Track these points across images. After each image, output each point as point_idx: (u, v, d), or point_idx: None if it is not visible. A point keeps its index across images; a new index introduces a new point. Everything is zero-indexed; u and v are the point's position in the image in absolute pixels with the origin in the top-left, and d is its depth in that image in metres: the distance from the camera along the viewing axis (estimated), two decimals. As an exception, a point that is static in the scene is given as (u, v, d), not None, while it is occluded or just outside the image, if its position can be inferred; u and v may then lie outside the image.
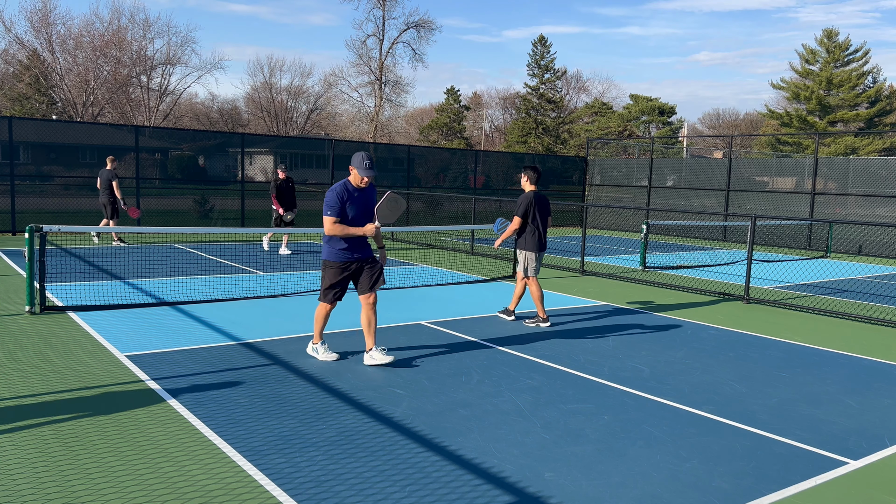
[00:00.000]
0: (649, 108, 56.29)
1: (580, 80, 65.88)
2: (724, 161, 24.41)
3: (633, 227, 24.32)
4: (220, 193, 19.96)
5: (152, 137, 22.27)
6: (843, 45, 48.51)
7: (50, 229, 8.20)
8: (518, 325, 8.22)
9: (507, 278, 11.96)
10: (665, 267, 14.39)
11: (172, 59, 49.23)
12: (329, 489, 3.82)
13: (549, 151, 49.51)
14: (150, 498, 3.65)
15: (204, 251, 14.22)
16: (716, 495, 3.96)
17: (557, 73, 54.02)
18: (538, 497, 3.84)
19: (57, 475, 3.86)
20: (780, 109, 51.14)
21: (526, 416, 5.11)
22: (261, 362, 6.24)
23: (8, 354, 6.19)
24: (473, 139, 63.78)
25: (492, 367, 6.40)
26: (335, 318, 8.15)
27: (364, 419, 4.90)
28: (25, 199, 16.72)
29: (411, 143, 50.06)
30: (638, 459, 4.42)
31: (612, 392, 5.79)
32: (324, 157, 23.25)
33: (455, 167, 25.88)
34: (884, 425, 5.24)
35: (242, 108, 63.19)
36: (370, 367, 6.20)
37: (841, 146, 44.77)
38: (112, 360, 6.12)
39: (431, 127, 58.43)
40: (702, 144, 60.96)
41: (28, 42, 44.05)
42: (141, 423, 4.68)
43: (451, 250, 15.94)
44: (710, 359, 7.02)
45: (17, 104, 42.11)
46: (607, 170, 27.39)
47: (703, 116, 78.57)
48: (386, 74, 52.16)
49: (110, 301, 8.61)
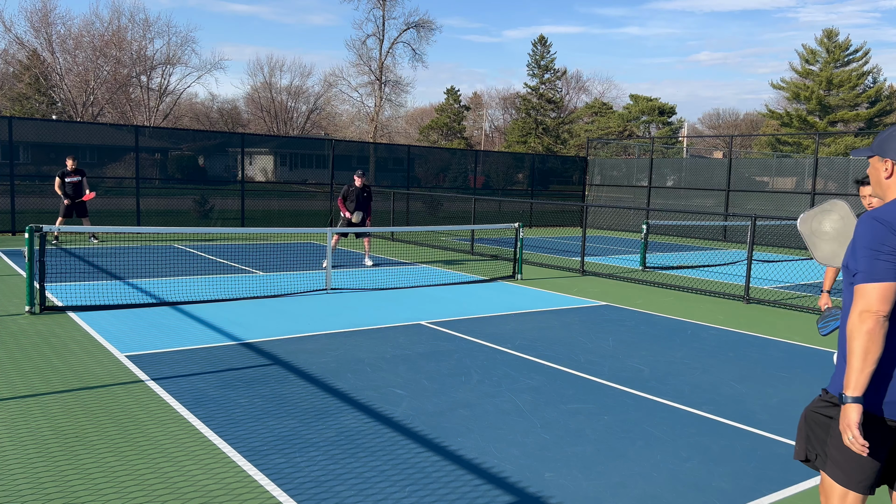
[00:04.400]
0: (649, 108, 56.29)
1: (580, 80, 65.87)
2: (724, 161, 24.42)
3: (633, 227, 24.32)
4: (220, 193, 19.96)
5: (152, 137, 22.28)
6: (843, 45, 48.51)
7: (50, 229, 8.20)
8: (518, 325, 8.22)
9: (507, 278, 11.96)
10: (665, 267, 14.39)
11: (172, 59, 49.27)
12: (329, 489, 3.82)
13: (549, 151, 49.51)
14: (150, 498, 3.65)
15: (204, 251, 14.22)
16: (716, 495, 3.96)
17: (557, 73, 54.02)
18: (538, 497, 3.84)
19: (57, 475, 3.86)
20: (780, 109, 51.15)
21: (526, 416, 5.11)
22: (261, 362, 6.24)
23: (8, 354, 6.19)
24: (473, 139, 63.79)
25: (492, 367, 6.40)
26: (336, 318, 8.16)
27: (364, 419, 4.90)
28: (25, 199, 16.71)
29: (411, 143, 50.07)
30: (638, 459, 4.42)
31: (612, 392, 5.79)
32: (324, 157, 23.25)
33: (455, 167, 25.89)
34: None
35: (242, 108, 63.18)
36: (370, 367, 6.21)
37: (841, 146, 44.76)
38: (112, 360, 6.12)
39: (431, 127, 58.43)
40: (702, 144, 60.98)
41: (28, 42, 44.11)
42: (141, 423, 4.68)
43: (451, 250, 15.94)
44: (710, 359, 7.02)
45: (17, 104, 42.12)
46: (607, 170, 27.40)
47: (703, 116, 78.60)
48: (386, 74, 52.15)
49: (110, 301, 8.61)
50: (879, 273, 2.45)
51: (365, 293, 9.97)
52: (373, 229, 12.64)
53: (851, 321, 2.47)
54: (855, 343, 2.44)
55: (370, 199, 12.91)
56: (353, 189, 12.73)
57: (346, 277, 11.30)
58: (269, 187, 23.39)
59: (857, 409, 2.44)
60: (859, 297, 2.47)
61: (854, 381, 2.45)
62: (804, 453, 2.75)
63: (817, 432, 2.70)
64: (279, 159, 29.70)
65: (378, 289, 10.38)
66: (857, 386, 2.44)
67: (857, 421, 2.43)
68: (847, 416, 2.46)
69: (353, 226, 12.73)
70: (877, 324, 2.41)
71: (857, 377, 2.44)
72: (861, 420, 2.45)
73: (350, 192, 12.73)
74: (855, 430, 2.44)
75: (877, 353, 2.42)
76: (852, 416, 2.44)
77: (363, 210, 12.74)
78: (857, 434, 2.43)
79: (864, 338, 2.42)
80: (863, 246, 2.50)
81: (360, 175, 12.69)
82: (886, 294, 2.43)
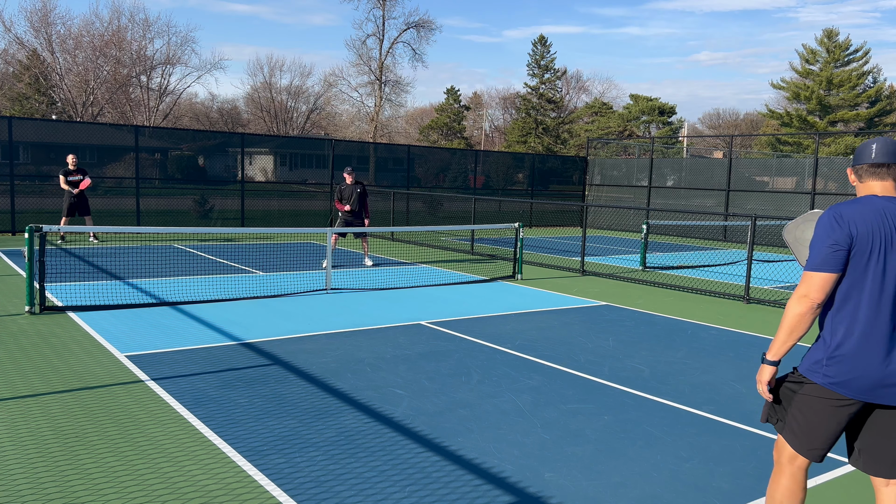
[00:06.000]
0: (649, 108, 56.29)
1: (580, 80, 65.88)
2: (724, 161, 24.41)
3: (634, 227, 24.32)
4: (220, 193, 19.96)
5: (152, 137, 22.28)
6: (844, 45, 48.51)
7: (53, 229, 8.20)
8: (518, 325, 8.22)
9: (507, 278, 11.96)
10: (665, 267, 14.39)
11: (172, 59, 49.26)
12: (329, 489, 3.82)
13: (549, 151, 49.50)
14: (150, 498, 3.65)
15: (204, 251, 14.22)
16: (716, 495, 3.96)
17: (557, 73, 54.01)
18: (538, 497, 3.84)
19: (57, 475, 3.86)
20: (780, 109, 51.14)
21: (526, 416, 5.11)
22: (261, 362, 6.23)
23: (8, 354, 6.19)
24: (473, 139, 63.78)
25: (492, 367, 6.39)
26: (336, 318, 8.16)
27: (364, 419, 4.90)
28: (25, 199, 16.71)
29: (411, 143, 50.05)
30: (638, 459, 4.42)
31: (612, 392, 5.79)
32: (323, 157, 23.25)
33: (455, 167, 25.88)
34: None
35: (242, 108, 63.20)
36: (370, 367, 6.20)
37: (841, 146, 44.75)
38: (112, 360, 6.12)
39: (431, 127, 58.41)
40: (702, 144, 60.96)
41: (28, 42, 44.11)
42: (141, 423, 4.68)
43: (451, 250, 15.94)
44: (710, 359, 7.02)
45: (17, 104, 42.12)
46: (607, 170, 27.39)
47: (704, 116, 78.62)
48: (386, 74, 52.15)
49: (110, 301, 8.61)
50: (824, 262, 2.79)
51: (365, 293, 9.97)
52: (373, 229, 12.63)
53: (790, 301, 2.87)
54: (786, 320, 2.86)
55: (365, 195, 12.86)
56: (345, 188, 12.75)
57: (346, 277, 11.30)
58: (269, 187, 23.38)
59: (771, 371, 2.98)
60: (802, 282, 2.84)
61: (776, 349, 2.93)
62: (766, 417, 3.14)
63: (783, 400, 3.06)
64: (279, 159, 29.69)
65: (378, 289, 10.38)
66: (777, 353, 2.94)
67: (768, 380, 2.97)
68: (762, 373, 3.00)
69: (351, 223, 12.72)
70: (809, 309, 2.80)
71: (780, 348, 2.92)
72: (772, 379, 2.98)
73: (344, 192, 12.74)
74: (764, 386, 2.99)
75: (802, 332, 2.84)
76: (765, 374, 2.98)
77: (359, 208, 12.74)
78: (765, 389, 3.00)
79: (795, 318, 2.83)
80: (816, 237, 2.86)
81: (349, 172, 12.66)
82: (825, 284, 2.79)
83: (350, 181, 12.70)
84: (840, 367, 2.81)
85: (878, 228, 2.76)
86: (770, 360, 2.96)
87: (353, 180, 12.74)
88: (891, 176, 2.91)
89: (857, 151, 3.01)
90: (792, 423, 2.98)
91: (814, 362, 2.90)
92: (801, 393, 2.94)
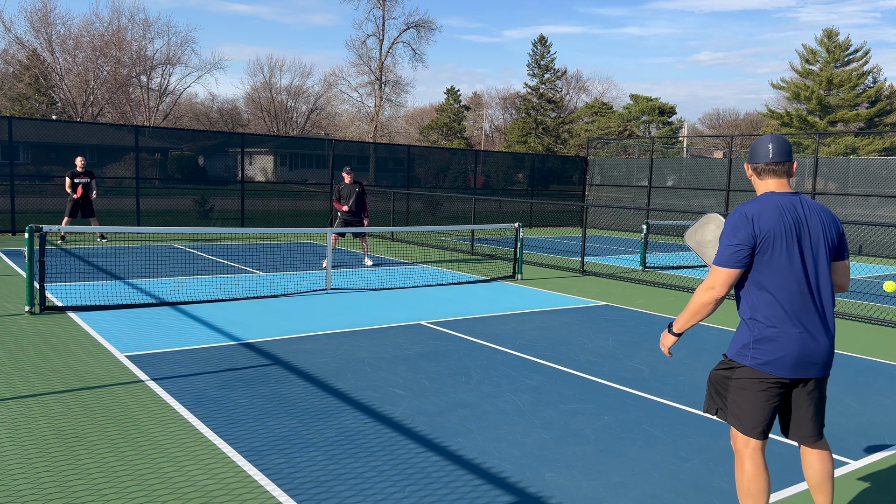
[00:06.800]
0: (649, 108, 56.26)
1: (580, 80, 65.87)
2: (724, 161, 24.41)
3: (634, 227, 24.32)
4: (220, 193, 19.96)
5: (152, 137, 22.29)
6: (844, 45, 48.50)
7: (54, 229, 8.20)
8: (518, 325, 8.22)
9: (507, 278, 11.96)
10: (665, 267, 14.39)
11: (172, 59, 49.27)
12: (329, 489, 3.82)
13: (549, 151, 49.50)
14: (150, 498, 3.65)
15: (204, 251, 14.22)
16: (716, 495, 3.96)
17: (557, 73, 54.00)
18: (538, 497, 3.84)
19: (57, 475, 3.86)
20: (780, 109, 51.12)
21: (526, 417, 5.11)
22: (261, 362, 6.24)
23: (8, 354, 6.19)
24: (473, 139, 63.78)
25: (492, 367, 6.39)
26: (335, 318, 8.16)
27: (364, 419, 4.90)
28: (25, 199, 16.71)
29: (411, 143, 50.07)
30: (638, 459, 4.42)
31: (612, 392, 5.79)
32: (323, 157, 23.26)
33: (455, 167, 25.88)
34: (884, 425, 5.24)
35: (242, 108, 63.21)
36: (370, 367, 6.20)
37: (841, 146, 44.76)
38: (112, 360, 6.12)
39: (431, 127, 58.42)
40: (702, 144, 60.97)
41: (28, 42, 44.11)
42: (141, 423, 4.68)
43: (451, 250, 15.94)
44: (710, 359, 7.02)
45: (17, 104, 42.12)
46: (607, 170, 27.39)
47: (704, 116, 78.57)
48: (386, 74, 52.15)
49: (110, 301, 8.61)
50: (728, 260, 3.07)
51: (365, 293, 9.97)
52: (372, 229, 12.63)
53: (699, 289, 3.15)
54: (692, 304, 3.16)
55: (364, 194, 12.84)
56: (343, 187, 12.71)
57: (346, 277, 11.30)
58: (269, 187, 23.38)
59: (673, 339, 3.33)
60: (711, 275, 3.11)
61: (681, 324, 3.25)
62: (706, 408, 3.35)
63: (719, 389, 3.27)
64: (279, 159, 29.70)
65: (378, 289, 10.38)
66: (681, 328, 3.27)
67: (670, 345, 3.34)
68: (665, 338, 3.36)
69: (350, 223, 12.71)
70: (713, 300, 3.09)
71: (684, 325, 3.25)
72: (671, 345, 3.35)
73: (343, 191, 12.71)
74: (665, 348, 3.36)
75: (704, 316, 3.17)
76: (668, 340, 3.34)
77: (358, 208, 12.74)
78: (666, 350, 3.37)
79: (699, 305, 3.13)
80: (724, 234, 3.12)
81: (347, 172, 12.63)
82: (729, 279, 3.08)
83: (349, 181, 12.67)
84: (765, 349, 3.06)
85: (779, 223, 3.04)
86: (675, 332, 3.31)
87: (352, 180, 12.72)
88: (785, 172, 3.19)
89: (753, 149, 3.24)
90: (733, 408, 3.19)
91: (741, 346, 3.14)
92: (734, 378, 3.17)
